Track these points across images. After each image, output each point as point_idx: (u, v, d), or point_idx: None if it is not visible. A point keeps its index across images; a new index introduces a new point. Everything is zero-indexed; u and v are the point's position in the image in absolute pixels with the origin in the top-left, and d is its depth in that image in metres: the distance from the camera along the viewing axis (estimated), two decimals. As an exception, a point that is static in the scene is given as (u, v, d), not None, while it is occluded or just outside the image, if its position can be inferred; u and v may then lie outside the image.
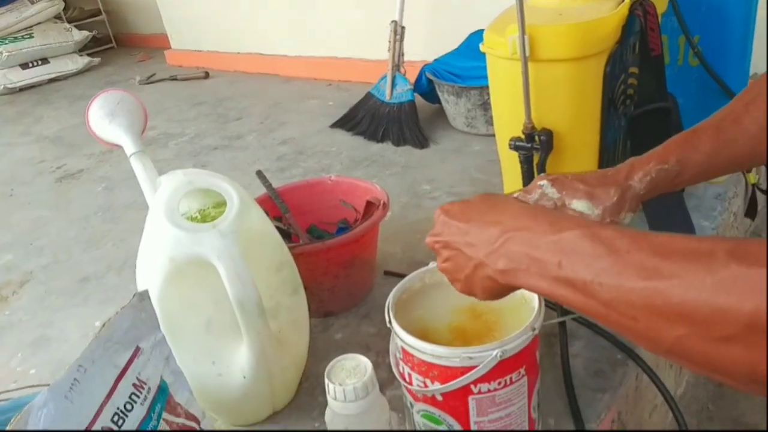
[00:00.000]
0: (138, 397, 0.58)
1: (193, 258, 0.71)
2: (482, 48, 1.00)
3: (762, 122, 0.59)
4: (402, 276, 0.75)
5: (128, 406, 0.56)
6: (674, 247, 0.36)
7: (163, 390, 0.61)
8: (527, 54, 0.90)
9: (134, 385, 0.58)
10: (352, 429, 0.62)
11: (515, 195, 0.66)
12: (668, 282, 0.35)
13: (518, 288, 0.51)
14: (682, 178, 0.63)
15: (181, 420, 0.63)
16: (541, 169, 0.98)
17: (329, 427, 0.64)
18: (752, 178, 1.18)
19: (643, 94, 1.00)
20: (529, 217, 0.48)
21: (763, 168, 1.28)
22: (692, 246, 0.35)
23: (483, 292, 0.55)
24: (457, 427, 0.67)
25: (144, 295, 0.62)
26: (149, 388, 0.59)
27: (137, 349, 0.59)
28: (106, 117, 0.91)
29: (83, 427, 0.51)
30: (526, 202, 0.55)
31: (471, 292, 0.56)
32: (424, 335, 0.65)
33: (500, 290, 0.53)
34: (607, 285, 0.39)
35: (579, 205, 0.63)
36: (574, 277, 0.41)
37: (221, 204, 0.78)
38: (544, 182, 0.64)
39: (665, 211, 0.94)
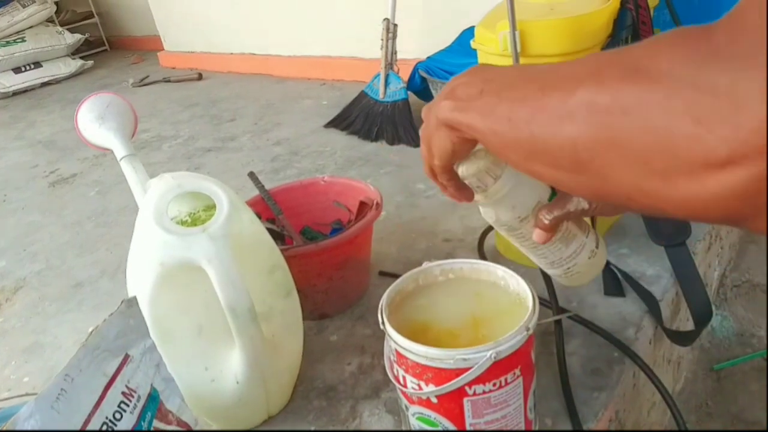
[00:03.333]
0: (128, 405, 0.57)
1: (183, 262, 0.70)
2: (473, 44, 0.99)
3: None
4: (397, 276, 0.74)
5: (117, 415, 0.55)
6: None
7: (153, 398, 0.60)
8: (518, 50, 0.89)
9: (123, 393, 0.57)
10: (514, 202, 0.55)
11: None
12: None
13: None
14: None
15: (172, 428, 0.62)
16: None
17: (496, 225, 0.57)
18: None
19: (637, 88, 0.99)
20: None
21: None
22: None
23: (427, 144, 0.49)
24: (453, 429, 0.66)
25: (132, 302, 0.61)
26: (139, 396, 0.58)
27: (126, 357, 0.59)
28: (95, 120, 0.90)
29: (70, 438, 0.50)
30: None
31: None
32: (418, 337, 0.64)
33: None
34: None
35: None
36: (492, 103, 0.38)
37: (212, 207, 0.77)
38: None
39: None
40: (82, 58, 3.71)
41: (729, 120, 0.25)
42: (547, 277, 0.94)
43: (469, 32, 1.77)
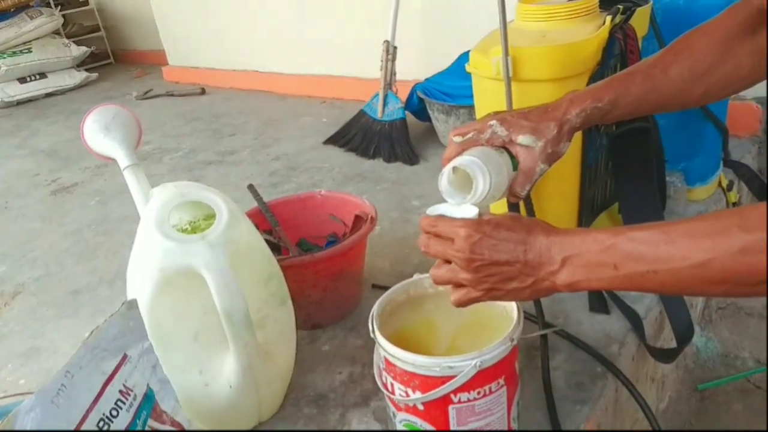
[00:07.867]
0: (124, 403, 0.59)
1: (182, 268, 0.72)
2: (468, 68, 1.03)
3: (685, 73, 0.69)
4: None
5: (114, 412, 0.57)
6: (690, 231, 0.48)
7: (149, 397, 0.63)
8: (510, 74, 0.93)
9: (120, 391, 0.59)
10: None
11: (469, 135, 0.68)
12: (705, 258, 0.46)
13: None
14: (612, 115, 0.71)
15: (166, 427, 0.64)
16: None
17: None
18: (732, 196, 1.21)
19: (625, 114, 1.03)
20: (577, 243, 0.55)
21: (743, 186, 1.31)
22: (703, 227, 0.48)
23: (527, 297, 0.60)
24: (438, 436, 0.68)
25: (132, 304, 0.63)
26: (135, 395, 0.61)
27: (124, 357, 0.61)
28: (101, 131, 0.93)
29: None
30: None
31: (501, 298, 0.61)
32: (407, 346, 0.67)
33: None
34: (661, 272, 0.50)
35: (524, 139, 0.68)
36: (630, 273, 0.51)
37: (211, 216, 0.80)
38: (493, 122, 0.68)
39: (641, 214, 0.96)
40: (87, 70, 3.77)
41: None
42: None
43: (466, 56, 1.80)
